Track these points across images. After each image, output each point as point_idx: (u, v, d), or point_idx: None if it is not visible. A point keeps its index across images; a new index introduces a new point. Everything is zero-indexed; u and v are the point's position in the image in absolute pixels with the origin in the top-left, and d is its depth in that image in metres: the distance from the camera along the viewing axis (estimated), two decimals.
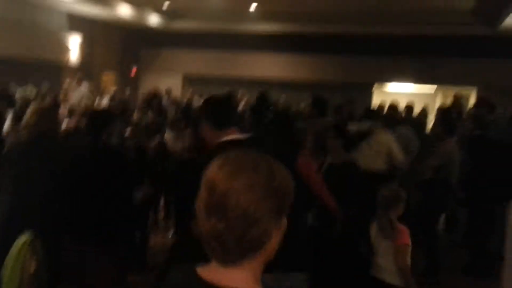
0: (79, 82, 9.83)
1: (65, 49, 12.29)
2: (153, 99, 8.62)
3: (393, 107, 6.87)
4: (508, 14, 9.71)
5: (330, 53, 13.62)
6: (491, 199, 4.09)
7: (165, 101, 9.65)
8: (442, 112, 5.53)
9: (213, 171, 1.07)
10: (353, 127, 4.98)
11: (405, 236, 2.98)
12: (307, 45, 13.69)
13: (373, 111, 5.43)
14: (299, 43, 13.65)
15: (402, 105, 8.32)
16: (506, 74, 11.96)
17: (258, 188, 1.03)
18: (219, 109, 2.34)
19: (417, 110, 9.14)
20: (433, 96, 14.26)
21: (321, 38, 13.42)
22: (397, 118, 6.62)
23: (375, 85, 14.16)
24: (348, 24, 12.67)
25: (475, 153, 4.19)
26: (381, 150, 4.95)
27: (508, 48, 11.73)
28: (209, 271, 1.08)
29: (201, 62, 14.66)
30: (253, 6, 12.23)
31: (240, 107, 9.06)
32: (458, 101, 8.17)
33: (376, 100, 13.08)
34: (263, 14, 12.93)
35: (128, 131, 5.00)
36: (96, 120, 3.01)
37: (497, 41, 11.75)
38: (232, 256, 1.04)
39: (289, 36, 13.52)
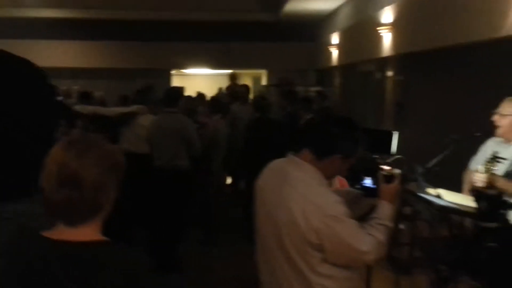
0: None
1: None
2: None
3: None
4: (286, 1, 10.68)
5: (127, 40, 13.29)
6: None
7: None
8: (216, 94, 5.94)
9: (61, 151, 1.30)
10: (117, 110, 4.97)
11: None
12: (101, 32, 13.10)
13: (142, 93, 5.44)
14: (92, 30, 12.97)
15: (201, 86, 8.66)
16: (289, 56, 13.20)
17: (104, 162, 1.31)
18: None
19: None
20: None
21: (116, 25, 12.95)
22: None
23: (174, 70, 14.33)
24: (144, 10, 12.48)
25: (253, 130, 4.63)
26: (142, 134, 4.98)
27: (288, 32, 12.93)
28: (56, 233, 1.31)
29: None
30: None
31: None
32: (233, 83, 8.73)
33: (176, 83, 13.28)
34: (48, 1, 11.95)
35: None
36: None
37: (279, 27, 12.85)
38: (83, 217, 1.30)
39: (81, 23, 12.74)
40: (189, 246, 5.15)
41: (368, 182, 2.32)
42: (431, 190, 3.01)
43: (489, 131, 3.22)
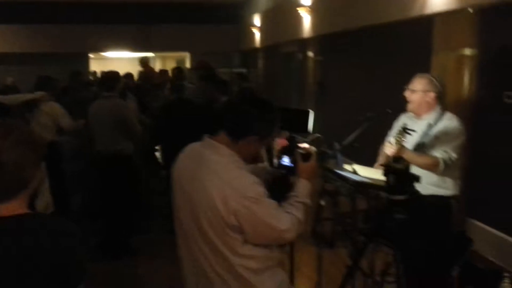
0: None
1: None
2: None
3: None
4: None
5: (41, 23, 12.56)
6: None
7: None
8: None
9: None
10: (17, 98, 4.76)
11: None
12: (13, 14, 12.28)
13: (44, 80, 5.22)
14: (1, 12, 12.14)
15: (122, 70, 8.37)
16: (212, 38, 13.10)
17: (24, 144, 1.39)
18: None
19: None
20: (152, 59, 14.66)
21: (28, 7, 12.19)
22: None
23: (92, 54, 13.77)
24: None
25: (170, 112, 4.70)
26: (48, 123, 4.86)
27: (212, 14, 12.81)
28: None
29: None
30: None
31: None
32: (146, 68, 8.56)
33: (95, 67, 12.80)
34: None
35: None
36: None
37: (201, 8, 12.67)
38: (8, 194, 1.39)
39: None
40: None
41: (286, 160, 2.36)
42: (347, 166, 3.12)
43: (402, 107, 3.37)
